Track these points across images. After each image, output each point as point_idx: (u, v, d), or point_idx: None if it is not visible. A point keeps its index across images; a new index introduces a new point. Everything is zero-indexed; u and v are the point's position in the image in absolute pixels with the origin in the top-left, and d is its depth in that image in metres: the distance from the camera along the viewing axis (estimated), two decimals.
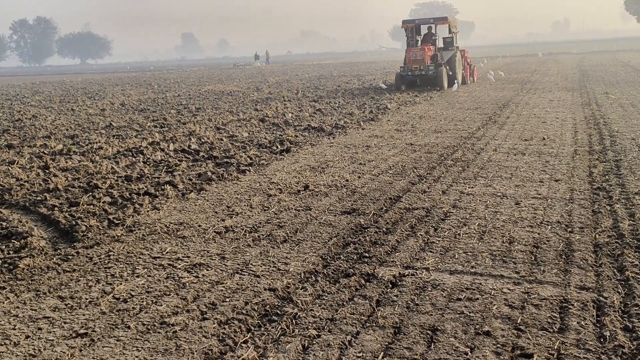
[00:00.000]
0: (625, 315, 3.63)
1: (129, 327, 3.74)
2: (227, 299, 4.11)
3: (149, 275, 4.62)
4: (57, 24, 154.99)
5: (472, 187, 6.90)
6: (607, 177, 7.09)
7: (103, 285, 4.47)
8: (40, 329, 3.79)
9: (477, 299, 3.94)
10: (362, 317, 3.75)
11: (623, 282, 4.10)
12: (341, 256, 4.88)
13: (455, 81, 21.26)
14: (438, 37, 22.41)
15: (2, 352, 3.51)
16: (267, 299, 4.08)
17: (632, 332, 3.43)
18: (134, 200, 6.86)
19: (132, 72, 65.79)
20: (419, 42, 22.40)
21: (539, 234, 5.17)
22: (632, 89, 18.28)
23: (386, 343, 3.42)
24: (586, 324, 3.53)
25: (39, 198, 7.10)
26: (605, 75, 25.09)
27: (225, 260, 4.90)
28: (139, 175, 8.24)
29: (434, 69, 21.05)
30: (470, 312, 3.75)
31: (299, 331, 3.60)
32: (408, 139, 10.66)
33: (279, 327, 3.65)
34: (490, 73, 26.08)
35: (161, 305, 4.04)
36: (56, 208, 6.62)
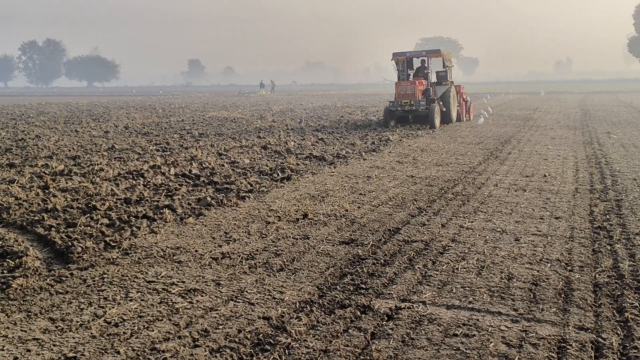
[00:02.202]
0: (624, 358, 3.57)
1: (118, 352, 3.67)
2: (220, 326, 4.05)
3: (142, 300, 4.57)
4: (66, 46, 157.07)
5: (472, 222, 6.87)
6: (607, 216, 7.05)
7: (95, 308, 4.41)
8: (29, 350, 3.73)
9: (474, 335, 3.88)
10: (357, 350, 3.68)
11: (622, 324, 4.04)
12: (337, 287, 4.82)
13: (482, 115, 20.36)
14: (431, 71, 20.87)
15: None
16: (261, 327, 4.02)
17: None
18: (132, 223, 6.82)
19: (138, 96, 66.34)
20: (411, 76, 20.92)
21: (538, 271, 5.12)
22: (634, 129, 18.35)
23: None
24: None
25: (36, 218, 7.07)
26: (607, 115, 25.22)
27: (220, 287, 4.84)
28: (138, 198, 8.23)
29: (426, 104, 19.38)
30: (466, 349, 3.68)
31: None
32: (409, 171, 10.66)
33: (272, 357, 3.58)
34: (484, 112, 24.33)
35: (153, 331, 3.98)
36: (53, 228, 6.59)
